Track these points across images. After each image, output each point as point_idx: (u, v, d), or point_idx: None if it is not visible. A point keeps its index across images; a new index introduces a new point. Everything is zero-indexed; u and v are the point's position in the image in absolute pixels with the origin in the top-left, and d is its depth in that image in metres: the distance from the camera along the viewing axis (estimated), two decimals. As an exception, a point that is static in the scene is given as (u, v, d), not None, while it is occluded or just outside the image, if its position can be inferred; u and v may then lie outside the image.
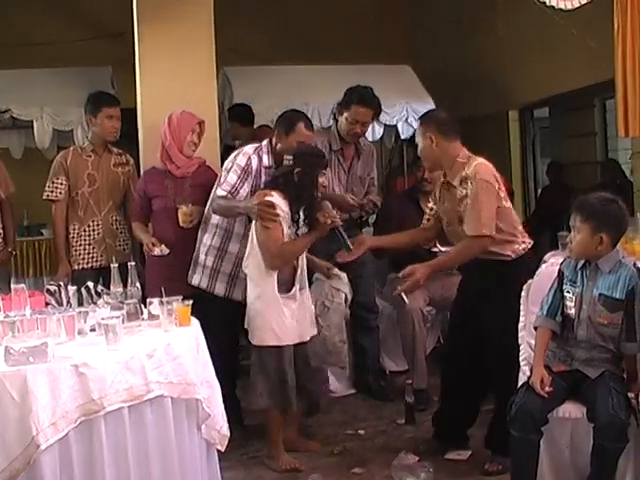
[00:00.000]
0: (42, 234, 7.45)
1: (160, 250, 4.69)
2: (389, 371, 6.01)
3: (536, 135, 9.97)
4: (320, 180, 4.40)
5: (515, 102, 9.31)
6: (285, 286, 4.38)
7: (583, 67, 7.61)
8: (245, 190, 4.67)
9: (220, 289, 4.80)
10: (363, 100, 5.27)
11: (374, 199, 5.49)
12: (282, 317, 4.36)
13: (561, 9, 5.34)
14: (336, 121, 5.48)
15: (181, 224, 4.83)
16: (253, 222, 4.41)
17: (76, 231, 5.34)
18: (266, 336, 4.38)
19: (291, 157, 4.46)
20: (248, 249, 4.45)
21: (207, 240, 4.86)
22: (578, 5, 5.34)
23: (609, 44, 6.03)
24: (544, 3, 5.29)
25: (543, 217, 8.74)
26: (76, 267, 5.34)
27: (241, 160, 4.76)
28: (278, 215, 4.27)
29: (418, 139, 4.47)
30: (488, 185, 4.20)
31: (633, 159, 6.59)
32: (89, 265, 5.30)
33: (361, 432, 5.03)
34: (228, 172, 4.74)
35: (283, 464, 4.49)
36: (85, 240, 5.33)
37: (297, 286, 4.39)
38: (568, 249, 3.93)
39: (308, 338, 4.50)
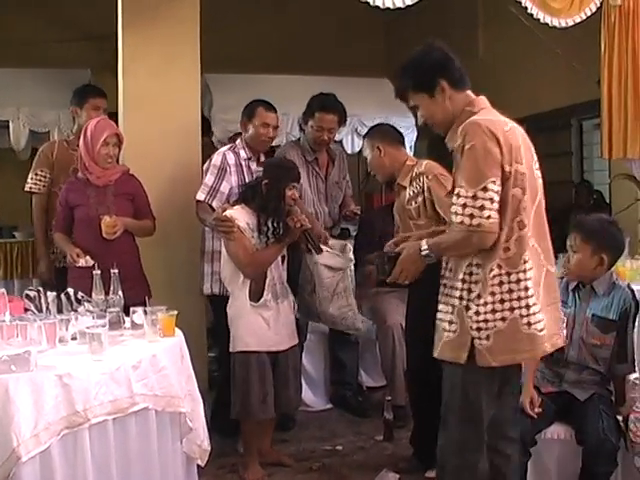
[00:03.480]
0: (14, 237, 7.26)
1: (85, 261, 4.48)
2: (366, 387, 5.96)
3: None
4: (289, 193, 4.40)
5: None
6: (257, 295, 4.38)
7: (562, 88, 7.66)
8: (225, 187, 4.88)
9: None
10: (326, 107, 5.26)
11: (354, 209, 5.50)
12: (252, 325, 4.38)
13: (555, 27, 5.36)
14: (303, 131, 5.48)
15: (104, 235, 4.57)
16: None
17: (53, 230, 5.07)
18: (236, 342, 4.41)
19: (261, 169, 4.59)
20: (222, 261, 4.51)
21: (208, 247, 4.97)
22: (572, 23, 5.38)
23: (591, 66, 6.07)
24: (538, 20, 5.30)
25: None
26: (57, 265, 5.19)
27: (216, 160, 4.97)
28: (235, 227, 4.31)
29: (366, 153, 4.64)
30: (445, 177, 4.23)
31: (613, 181, 6.63)
32: (69, 264, 4.99)
33: (339, 448, 4.98)
34: (206, 174, 4.95)
35: (251, 475, 4.47)
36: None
37: (269, 295, 4.39)
38: (565, 269, 3.92)
39: (285, 347, 4.47)
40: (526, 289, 3.01)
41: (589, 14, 5.52)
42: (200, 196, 4.90)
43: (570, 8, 5.45)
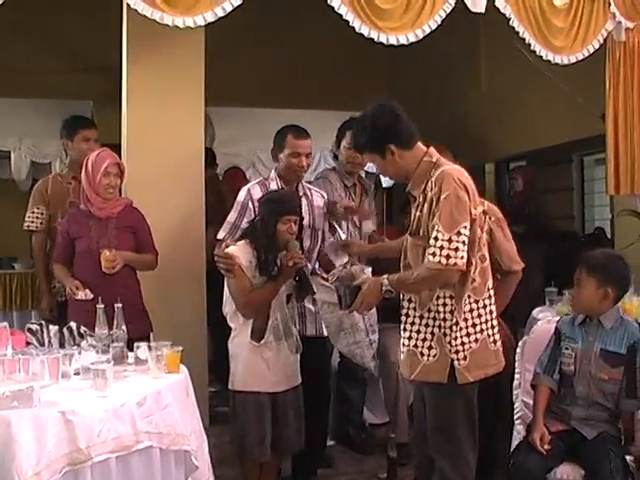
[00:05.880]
0: (13, 268, 7.23)
1: (84, 294, 4.45)
2: (369, 423, 5.88)
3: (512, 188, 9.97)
4: (284, 227, 4.23)
5: (492, 155, 9.33)
6: (259, 335, 4.26)
7: (563, 123, 7.64)
8: (245, 226, 4.58)
9: None
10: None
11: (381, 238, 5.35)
12: (252, 365, 4.25)
13: (557, 64, 5.37)
14: (336, 158, 5.37)
15: (103, 269, 4.52)
16: None
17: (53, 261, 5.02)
18: (234, 381, 4.31)
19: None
20: (224, 297, 4.39)
21: None
22: (575, 60, 5.38)
23: (592, 101, 6.07)
24: (540, 57, 5.30)
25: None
26: (59, 299, 5.15)
27: (240, 195, 4.76)
28: (235, 265, 4.18)
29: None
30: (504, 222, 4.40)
31: (617, 217, 6.61)
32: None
33: (343, 486, 4.91)
34: (232, 210, 4.74)
35: None
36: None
37: (271, 336, 4.26)
38: (570, 303, 3.95)
39: (284, 389, 4.32)
40: (491, 312, 3.50)
41: (592, 51, 5.52)
42: (220, 234, 4.70)
43: (572, 46, 5.44)
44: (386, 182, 7.96)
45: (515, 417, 4.02)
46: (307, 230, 4.71)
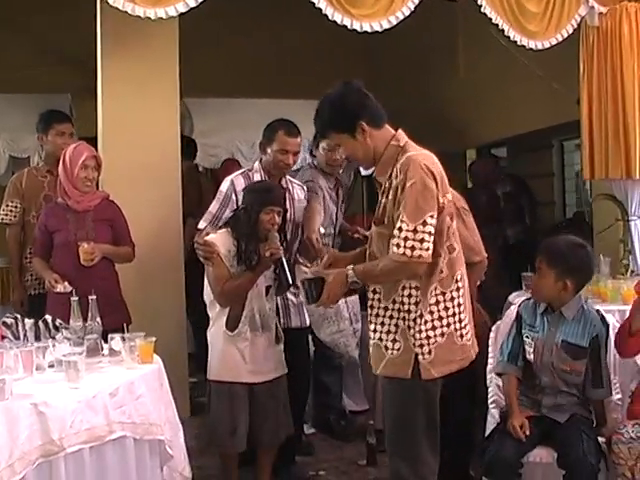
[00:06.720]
0: (-7, 262, 7.23)
1: (63, 287, 4.46)
2: (349, 410, 5.89)
3: (493, 174, 9.98)
4: (266, 217, 4.21)
5: (473, 142, 9.35)
6: (233, 324, 4.25)
7: (543, 108, 7.67)
8: (229, 215, 4.50)
9: None
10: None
11: (364, 232, 5.33)
12: (226, 355, 4.25)
13: (531, 49, 5.39)
14: (314, 156, 5.32)
15: (82, 262, 4.54)
16: None
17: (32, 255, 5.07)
18: (210, 370, 4.32)
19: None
20: (205, 285, 4.39)
21: None
22: (549, 46, 5.41)
23: (570, 86, 6.09)
24: (515, 42, 5.32)
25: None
26: (32, 292, 5.21)
27: (223, 186, 4.67)
28: (214, 253, 4.19)
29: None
30: (466, 211, 4.27)
31: (594, 202, 6.62)
32: (46, 290, 4.93)
33: (322, 473, 4.90)
34: (214, 200, 4.67)
35: None
36: None
37: (246, 327, 4.24)
38: (531, 291, 3.94)
39: (262, 380, 4.28)
40: (459, 305, 3.29)
41: (566, 36, 5.55)
42: (201, 224, 4.63)
43: (546, 31, 5.48)
44: (364, 170, 7.95)
45: (489, 401, 4.04)
46: (287, 223, 4.69)
